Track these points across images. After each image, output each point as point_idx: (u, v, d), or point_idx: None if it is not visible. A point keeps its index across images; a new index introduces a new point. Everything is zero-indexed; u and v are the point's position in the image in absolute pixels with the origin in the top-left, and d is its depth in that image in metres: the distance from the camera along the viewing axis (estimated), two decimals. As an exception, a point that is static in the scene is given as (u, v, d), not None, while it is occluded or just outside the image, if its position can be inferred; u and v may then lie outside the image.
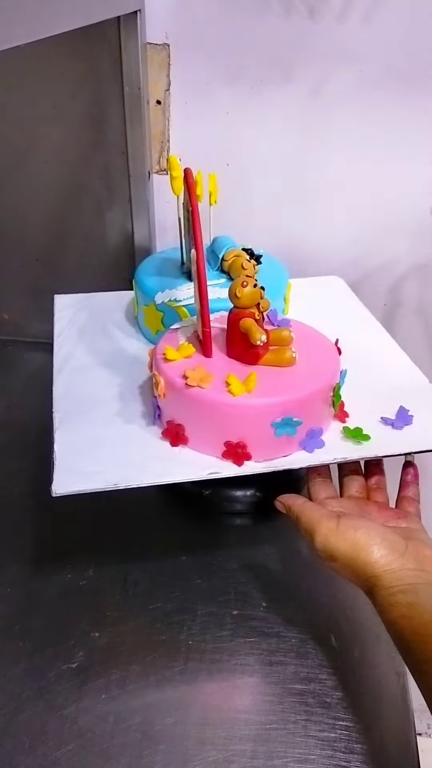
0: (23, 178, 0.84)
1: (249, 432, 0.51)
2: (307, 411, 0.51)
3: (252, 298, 0.51)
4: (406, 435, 0.54)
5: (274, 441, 0.51)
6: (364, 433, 0.53)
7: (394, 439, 0.54)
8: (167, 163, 0.82)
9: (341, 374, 0.55)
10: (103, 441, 0.54)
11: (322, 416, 0.54)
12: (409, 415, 0.55)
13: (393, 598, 0.43)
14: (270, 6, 0.71)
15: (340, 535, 0.47)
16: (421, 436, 0.54)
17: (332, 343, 0.58)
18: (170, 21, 0.73)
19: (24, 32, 0.44)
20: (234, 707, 0.50)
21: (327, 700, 0.51)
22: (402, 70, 0.72)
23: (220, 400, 0.50)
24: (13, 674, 0.52)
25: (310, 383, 0.52)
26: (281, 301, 0.68)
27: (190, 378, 0.51)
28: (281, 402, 0.50)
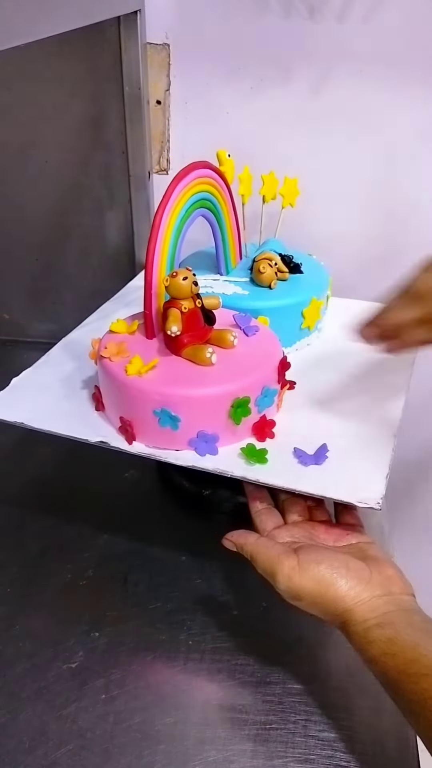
0: (23, 178, 0.84)
1: (135, 413, 0.52)
2: (190, 411, 0.50)
3: (179, 290, 0.51)
4: (304, 473, 0.50)
5: (159, 430, 0.51)
6: (264, 457, 0.51)
7: (290, 472, 0.50)
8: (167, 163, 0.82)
9: (263, 392, 0.52)
10: (48, 388, 0.60)
11: (219, 424, 0.52)
12: (325, 456, 0.51)
13: (370, 634, 0.42)
14: (270, 6, 0.71)
15: (303, 573, 0.45)
16: (317, 479, 0.50)
17: (277, 363, 0.55)
18: (170, 21, 0.73)
19: (24, 32, 0.44)
20: (234, 707, 0.50)
21: (327, 700, 0.51)
22: (402, 70, 0.72)
23: (114, 374, 0.52)
24: (13, 674, 0.52)
25: (201, 386, 0.51)
26: (297, 314, 0.66)
27: (108, 349, 0.53)
28: (160, 392, 0.50)
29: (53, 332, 0.74)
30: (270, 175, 0.68)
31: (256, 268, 0.65)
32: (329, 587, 0.44)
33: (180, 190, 0.55)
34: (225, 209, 0.64)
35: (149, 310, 0.55)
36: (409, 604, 0.44)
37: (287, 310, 0.65)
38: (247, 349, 0.55)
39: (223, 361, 0.53)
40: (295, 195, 0.69)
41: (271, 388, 0.53)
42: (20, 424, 0.55)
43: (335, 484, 0.49)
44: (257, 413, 0.53)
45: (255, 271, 0.66)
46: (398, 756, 0.47)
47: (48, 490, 0.70)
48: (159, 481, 0.70)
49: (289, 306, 0.65)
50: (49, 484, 0.71)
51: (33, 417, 0.55)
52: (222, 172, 0.61)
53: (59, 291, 0.93)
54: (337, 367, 0.64)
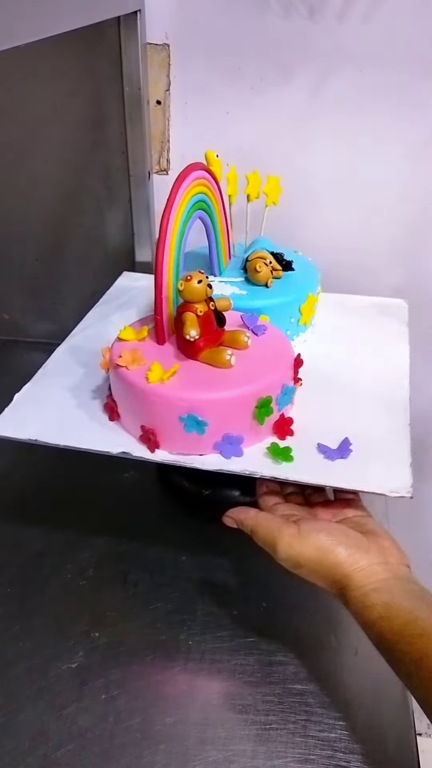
0: (23, 178, 0.84)
1: (159, 421, 0.51)
2: (217, 414, 0.50)
3: (194, 293, 0.51)
4: (332, 468, 0.51)
5: (184, 436, 0.51)
6: (290, 455, 0.51)
7: (317, 468, 0.50)
8: (167, 163, 0.82)
9: (283, 390, 0.53)
10: (55, 402, 0.58)
11: (243, 426, 0.51)
12: (349, 449, 0.52)
13: (367, 599, 0.43)
14: (270, 6, 0.71)
15: (303, 540, 0.46)
16: (346, 472, 0.50)
17: (291, 360, 0.56)
18: (170, 21, 0.73)
19: (24, 32, 0.44)
20: (234, 707, 0.50)
21: (327, 700, 0.51)
22: (402, 70, 0.72)
23: (135, 383, 0.51)
24: (13, 674, 0.52)
25: (226, 388, 0.50)
26: (295, 311, 0.66)
27: (123, 358, 0.52)
28: (187, 398, 0.50)
29: (53, 332, 0.74)
30: (254, 174, 0.68)
31: (251, 267, 0.65)
32: (329, 554, 0.45)
33: (182, 192, 0.55)
34: (217, 210, 0.64)
35: (161, 315, 0.55)
36: (405, 573, 0.46)
37: (286, 307, 0.65)
38: (259, 349, 0.55)
39: (239, 362, 0.52)
40: (277, 193, 0.69)
41: (289, 385, 0.54)
42: (34, 442, 0.53)
43: (363, 476, 0.50)
44: (277, 412, 0.53)
45: (251, 271, 0.65)
46: (398, 756, 0.47)
47: (48, 491, 0.70)
48: (158, 481, 0.70)
49: (288, 303, 0.65)
50: (48, 485, 0.71)
51: (46, 432, 0.54)
52: (215, 174, 0.61)
53: (59, 291, 0.93)
54: (337, 360, 0.64)
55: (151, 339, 0.56)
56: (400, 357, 0.65)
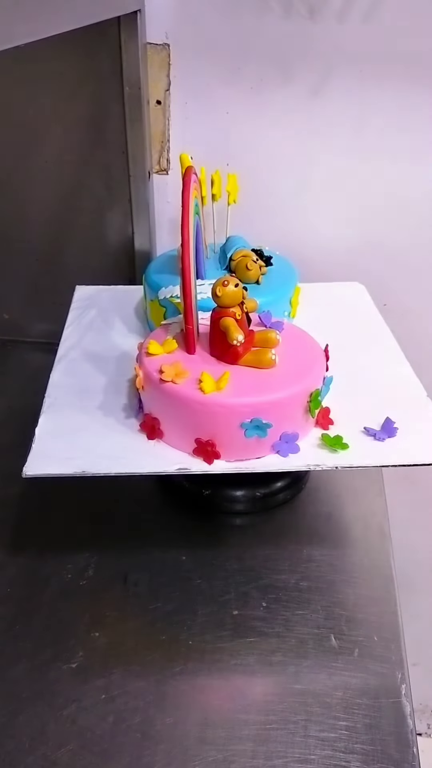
0: (23, 178, 0.84)
1: (218, 431, 0.51)
2: (278, 415, 0.51)
3: (233, 298, 0.51)
4: (387, 447, 0.53)
5: (244, 442, 0.51)
6: (343, 442, 0.52)
7: (374, 450, 0.53)
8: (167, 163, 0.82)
9: (325, 381, 0.54)
10: (84, 429, 0.56)
11: (298, 421, 0.53)
12: (394, 428, 0.54)
13: None
14: (270, 6, 0.71)
15: None
16: (403, 449, 0.53)
17: (321, 349, 0.57)
18: (170, 21, 0.73)
19: (24, 32, 0.44)
20: (234, 707, 0.50)
21: (327, 700, 0.51)
22: (402, 70, 0.72)
23: (190, 396, 0.50)
24: (13, 674, 0.52)
25: (284, 387, 0.51)
26: (286, 304, 0.67)
27: (166, 373, 0.51)
28: (250, 403, 0.50)
29: (53, 332, 0.74)
30: (217, 173, 0.70)
31: (242, 265, 0.65)
32: None
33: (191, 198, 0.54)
34: (201, 212, 0.64)
35: (191, 324, 0.54)
36: None
37: (279, 302, 0.65)
38: (288, 345, 0.55)
39: (279, 361, 0.53)
40: (236, 191, 0.70)
41: (328, 376, 0.55)
42: (81, 474, 0.50)
43: (418, 449, 0.52)
44: (321, 403, 0.55)
45: (241, 269, 0.65)
46: (398, 756, 0.47)
47: (48, 490, 0.70)
48: (159, 481, 0.70)
49: (281, 297, 0.66)
50: (48, 484, 0.71)
51: (90, 463, 0.51)
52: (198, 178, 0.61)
53: (59, 291, 0.93)
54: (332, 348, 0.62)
55: (181, 349, 0.56)
56: (385, 336, 0.68)
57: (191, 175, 0.55)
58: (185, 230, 0.52)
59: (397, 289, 0.86)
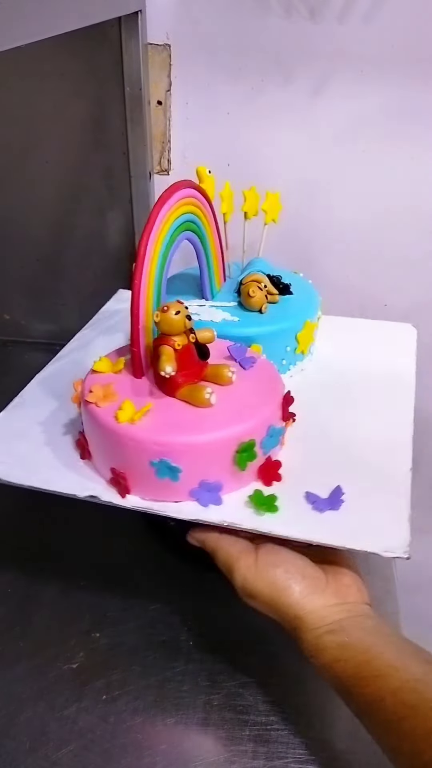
0: (23, 178, 0.84)
1: (130, 464, 0.47)
2: (191, 460, 0.46)
3: (171, 325, 0.47)
4: (321, 521, 0.46)
5: (156, 481, 0.46)
6: (274, 504, 0.46)
7: (305, 520, 0.46)
8: (168, 164, 0.82)
9: (269, 431, 0.48)
10: (25, 437, 0.55)
11: (222, 471, 0.47)
12: (341, 500, 0.47)
13: (321, 641, 0.42)
14: (270, 6, 0.71)
15: (258, 574, 0.44)
16: (336, 527, 0.45)
17: (281, 399, 0.51)
18: (171, 21, 0.73)
19: (25, 32, 0.44)
20: (235, 708, 0.50)
21: (327, 700, 0.50)
22: (403, 70, 0.72)
23: (104, 423, 0.47)
24: (13, 674, 0.52)
25: (205, 431, 0.46)
26: (290, 339, 0.61)
27: (93, 393, 0.48)
28: (160, 441, 0.45)
29: (54, 333, 0.74)
30: (251, 191, 0.65)
31: (244, 291, 0.61)
32: (282, 592, 0.44)
33: (165, 213, 0.51)
34: (209, 229, 0.60)
35: (137, 348, 0.50)
36: (363, 611, 0.44)
37: (281, 336, 0.61)
38: (246, 385, 0.50)
39: (222, 400, 0.48)
40: (276, 210, 0.66)
41: (276, 426, 0.49)
42: None
43: (356, 532, 0.45)
44: (263, 455, 0.49)
45: (244, 295, 0.61)
46: (399, 756, 0.47)
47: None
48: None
49: (283, 331, 0.61)
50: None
51: (9, 470, 0.50)
52: (204, 191, 0.58)
53: (59, 291, 0.93)
54: (336, 393, 0.60)
55: (128, 372, 0.52)
56: (406, 392, 0.60)
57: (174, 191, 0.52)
58: (142, 245, 0.49)
59: (397, 289, 0.86)
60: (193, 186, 0.55)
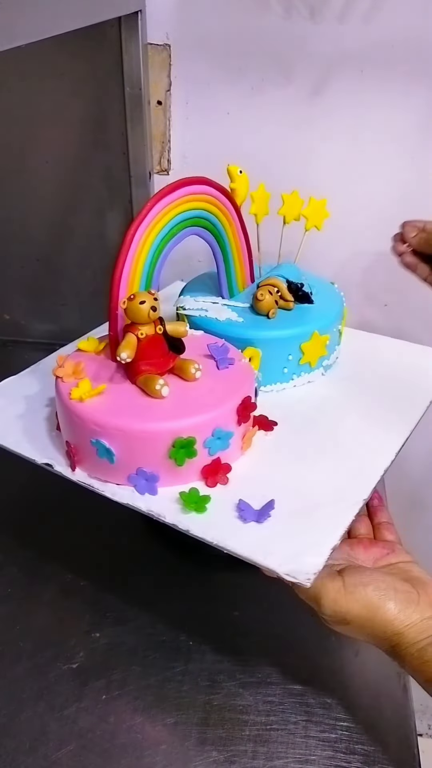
0: (23, 178, 0.84)
1: (77, 440, 0.49)
2: (125, 446, 0.47)
3: (135, 314, 0.48)
4: (241, 531, 0.45)
5: (97, 460, 0.48)
6: (203, 505, 0.46)
7: (225, 527, 0.45)
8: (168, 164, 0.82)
9: (214, 433, 0.47)
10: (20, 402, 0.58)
11: (158, 463, 0.47)
12: (269, 513, 0.46)
13: (425, 653, 0.41)
14: (270, 6, 0.71)
15: (350, 596, 0.43)
16: (250, 539, 0.44)
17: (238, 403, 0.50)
18: (171, 21, 0.73)
19: (24, 32, 0.44)
20: (234, 708, 0.50)
21: (327, 700, 0.51)
22: (403, 70, 0.72)
23: (61, 396, 0.49)
24: (13, 674, 0.52)
25: (143, 421, 0.46)
26: (294, 348, 0.59)
27: (61, 368, 0.51)
28: (97, 422, 0.46)
29: (54, 332, 0.74)
30: (293, 195, 0.63)
31: (255, 294, 0.60)
32: (378, 610, 0.42)
33: (165, 205, 0.52)
34: (229, 229, 0.60)
35: (114, 332, 0.52)
36: None
37: (282, 343, 0.59)
38: (211, 384, 0.50)
39: (178, 395, 0.48)
40: (322, 217, 0.64)
41: (225, 429, 0.48)
42: None
43: (268, 548, 0.43)
44: (208, 456, 0.48)
45: (254, 298, 0.60)
46: (398, 756, 0.47)
47: (47, 491, 0.70)
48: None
49: (285, 338, 0.59)
50: (48, 485, 0.71)
51: None
52: (225, 189, 0.58)
53: (60, 291, 0.93)
54: (332, 414, 0.57)
55: (107, 355, 0.53)
56: (405, 424, 0.56)
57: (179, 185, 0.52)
58: (130, 232, 0.51)
59: (396, 289, 0.86)
60: (209, 183, 0.56)
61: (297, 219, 0.64)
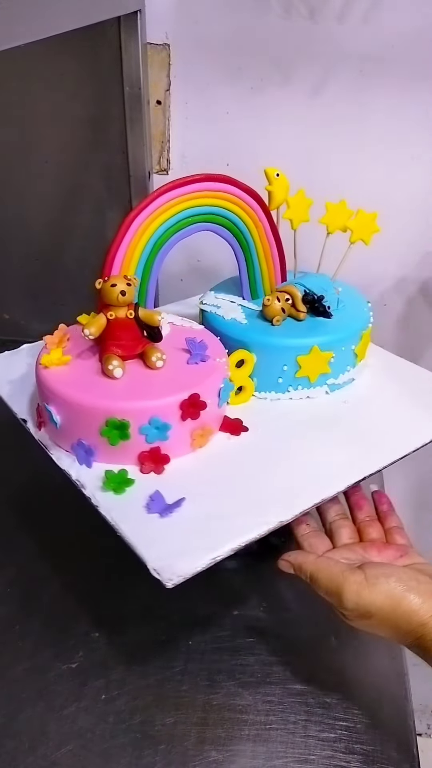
0: (23, 178, 0.84)
1: (41, 402, 0.53)
2: (65, 415, 0.50)
3: (105, 295, 0.51)
4: (139, 518, 0.46)
5: (50, 425, 0.52)
6: (123, 489, 0.48)
7: (129, 511, 0.47)
8: (167, 163, 0.82)
9: (151, 422, 0.49)
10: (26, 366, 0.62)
11: (93, 438, 0.49)
12: (173, 510, 0.46)
13: None
14: (270, 6, 0.71)
15: (373, 588, 0.42)
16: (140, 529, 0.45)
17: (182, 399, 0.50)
18: (170, 21, 0.73)
19: (24, 32, 0.44)
20: (234, 707, 0.50)
21: (327, 700, 0.51)
22: (402, 70, 0.72)
23: (36, 359, 0.53)
24: (13, 674, 0.52)
25: (81, 395, 0.49)
26: (290, 359, 0.57)
27: (52, 337, 0.54)
28: (46, 387, 0.51)
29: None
30: (339, 205, 0.61)
31: (264, 299, 0.60)
32: (402, 601, 0.42)
33: (174, 197, 0.53)
34: (255, 231, 0.60)
35: (98, 310, 0.54)
36: None
37: (276, 351, 0.58)
38: (171, 375, 0.52)
39: (134, 379, 0.51)
40: (371, 231, 0.61)
41: (163, 420, 0.49)
42: None
43: (154, 541, 0.44)
44: (144, 442, 0.50)
45: (263, 303, 0.60)
46: (398, 756, 0.47)
47: (47, 490, 0.70)
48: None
49: (279, 347, 0.58)
50: (48, 485, 0.71)
51: None
52: (253, 191, 0.58)
53: (59, 291, 0.93)
54: (310, 434, 0.55)
55: None
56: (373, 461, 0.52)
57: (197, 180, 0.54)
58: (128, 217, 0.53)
59: (397, 289, 0.86)
60: (233, 183, 0.56)
61: (342, 230, 0.62)
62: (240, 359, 0.57)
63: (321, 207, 0.63)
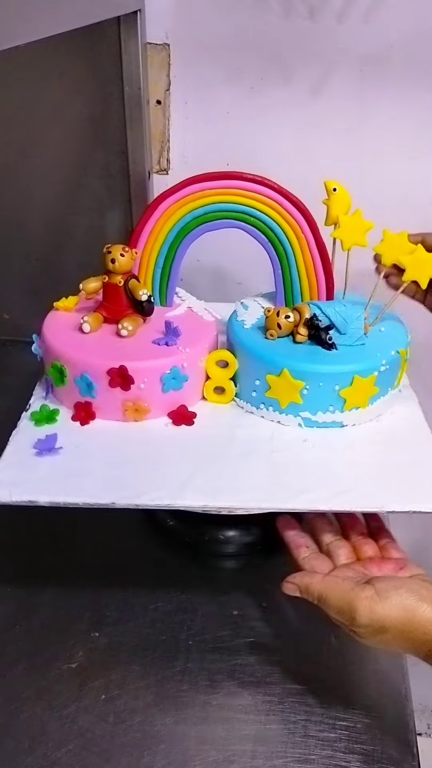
0: (23, 178, 0.84)
1: None
2: (43, 351, 0.59)
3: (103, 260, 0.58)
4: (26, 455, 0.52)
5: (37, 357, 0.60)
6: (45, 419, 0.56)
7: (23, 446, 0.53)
8: (167, 163, 0.82)
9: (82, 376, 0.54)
10: None
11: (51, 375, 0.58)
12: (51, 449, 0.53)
13: None
14: (270, 6, 0.71)
15: (386, 602, 0.42)
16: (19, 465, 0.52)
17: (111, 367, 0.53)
18: (170, 21, 0.73)
19: (24, 32, 0.44)
20: (234, 707, 0.50)
21: (327, 700, 0.51)
22: (402, 70, 0.72)
23: None
24: (13, 674, 0.52)
25: (49, 334, 0.58)
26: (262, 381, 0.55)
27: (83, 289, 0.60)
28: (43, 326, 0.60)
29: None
30: (400, 236, 0.56)
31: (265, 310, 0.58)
32: (416, 611, 0.41)
33: (204, 188, 0.56)
34: (295, 239, 0.58)
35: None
36: None
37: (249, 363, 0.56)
38: (129, 346, 0.57)
39: (100, 339, 0.58)
40: (428, 273, 0.55)
41: (91, 378, 0.55)
42: None
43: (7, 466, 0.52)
44: (79, 394, 0.56)
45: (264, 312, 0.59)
46: (398, 756, 0.47)
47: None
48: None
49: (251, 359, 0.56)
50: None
51: None
52: (294, 198, 0.57)
53: (59, 291, 0.93)
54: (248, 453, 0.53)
55: None
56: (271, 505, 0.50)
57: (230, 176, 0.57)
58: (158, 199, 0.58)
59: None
60: (270, 186, 0.57)
61: (399, 262, 0.56)
62: (223, 360, 0.58)
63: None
